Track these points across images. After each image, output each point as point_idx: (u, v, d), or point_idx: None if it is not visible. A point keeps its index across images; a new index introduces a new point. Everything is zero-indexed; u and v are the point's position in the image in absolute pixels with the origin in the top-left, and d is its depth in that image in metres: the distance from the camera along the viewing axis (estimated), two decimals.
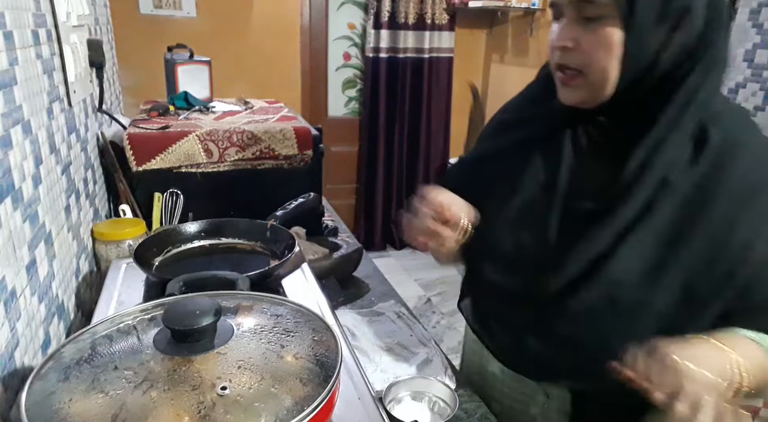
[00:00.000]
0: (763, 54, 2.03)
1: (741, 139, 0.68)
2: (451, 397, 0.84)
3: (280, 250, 1.01)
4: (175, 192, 1.32)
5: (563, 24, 0.68)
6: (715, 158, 0.66)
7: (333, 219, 1.67)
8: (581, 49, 0.67)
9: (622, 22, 0.64)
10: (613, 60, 0.66)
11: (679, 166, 0.67)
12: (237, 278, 0.80)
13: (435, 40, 3.36)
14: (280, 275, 0.95)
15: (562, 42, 0.68)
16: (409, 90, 3.44)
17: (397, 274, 3.34)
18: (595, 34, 0.65)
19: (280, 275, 0.95)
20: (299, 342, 0.56)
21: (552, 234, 0.74)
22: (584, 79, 0.68)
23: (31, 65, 0.83)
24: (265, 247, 1.04)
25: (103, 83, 1.38)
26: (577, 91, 0.70)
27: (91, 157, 1.25)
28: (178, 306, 0.55)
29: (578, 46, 0.67)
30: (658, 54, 0.65)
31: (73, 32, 1.13)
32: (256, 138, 1.36)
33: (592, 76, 0.68)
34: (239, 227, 1.07)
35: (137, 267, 0.89)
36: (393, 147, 3.54)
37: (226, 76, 2.46)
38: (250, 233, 1.06)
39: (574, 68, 0.69)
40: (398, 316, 1.13)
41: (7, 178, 0.68)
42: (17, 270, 0.68)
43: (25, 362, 0.69)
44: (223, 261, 1.02)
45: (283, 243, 1.01)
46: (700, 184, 0.66)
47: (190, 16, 2.87)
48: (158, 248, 1.00)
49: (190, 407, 0.45)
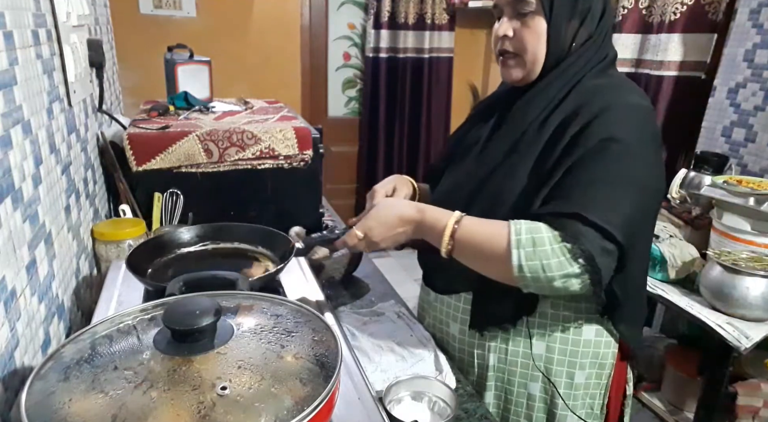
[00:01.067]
0: (763, 54, 2.03)
1: (597, 90, 0.87)
2: (451, 397, 0.84)
3: (279, 256, 1.00)
4: (175, 192, 1.32)
5: (503, 19, 0.89)
6: (576, 107, 0.85)
7: (333, 219, 1.67)
8: (518, 37, 0.89)
9: (545, 16, 0.86)
10: (540, 45, 0.87)
11: (543, 114, 0.88)
12: (237, 278, 0.80)
13: (435, 40, 3.36)
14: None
15: (504, 31, 0.89)
16: (409, 90, 3.44)
17: (397, 274, 3.34)
18: (527, 25, 0.87)
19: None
20: (299, 342, 0.56)
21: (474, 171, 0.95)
22: (520, 59, 0.90)
23: (31, 65, 0.83)
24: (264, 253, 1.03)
25: (103, 83, 1.38)
26: (514, 69, 0.91)
27: (91, 157, 1.25)
28: (178, 306, 0.55)
29: (515, 34, 0.89)
30: (571, 43, 0.88)
31: (73, 32, 1.13)
32: (256, 138, 1.36)
33: (526, 57, 0.89)
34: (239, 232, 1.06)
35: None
36: (393, 147, 3.54)
37: (226, 76, 2.46)
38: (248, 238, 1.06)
39: (512, 52, 0.90)
40: (398, 316, 1.12)
41: (7, 178, 0.68)
42: (17, 270, 0.68)
43: (25, 362, 0.69)
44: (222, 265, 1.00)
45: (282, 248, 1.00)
46: (563, 119, 0.85)
47: (190, 16, 2.87)
48: (154, 254, 0.98)
49: (190, 407, 0.45)
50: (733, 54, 2.13)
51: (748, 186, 1.67)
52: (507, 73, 0.93)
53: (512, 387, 0.99)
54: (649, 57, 2.43)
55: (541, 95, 0.90)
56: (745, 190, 1.62)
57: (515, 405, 0.99)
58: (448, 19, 3.33)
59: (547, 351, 0.94)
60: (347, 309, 1.18)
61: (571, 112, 0.85)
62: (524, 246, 0.77)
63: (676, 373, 1.98)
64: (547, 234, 0.77)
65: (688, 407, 1.94)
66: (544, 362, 0.95)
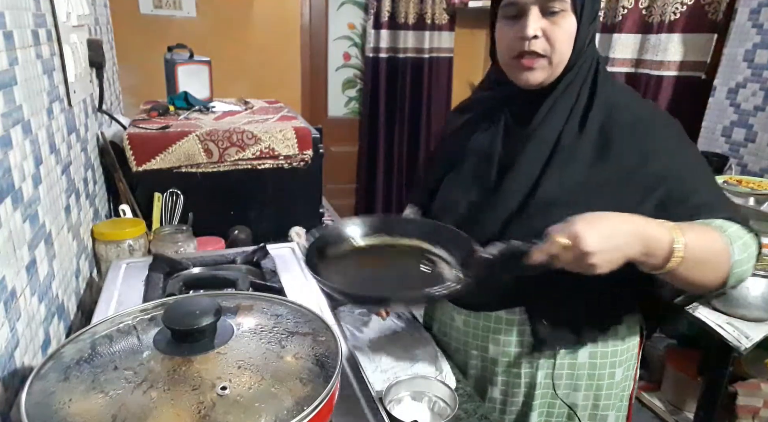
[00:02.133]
0: (763, 54, 2.03)
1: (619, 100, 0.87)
2: (451, 397, 0.84)
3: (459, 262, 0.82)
4: (175, 192, 1.32)
5: (530, 18, 0.82)
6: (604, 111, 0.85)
7: (333, 219, 1.67)
8: (548, 36, 0.82)
9: (576, 15, 0.82)
10: (568, 45, 0.83)
11: (573, 121, 0.86)
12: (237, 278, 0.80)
13: (435, 40, 3.36)
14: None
15: (534, 31, 0.82)
16: (409, 90, 3.43)
17: None
18: (558, 24, 0.82)
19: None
20: (299, 342, 0.56)
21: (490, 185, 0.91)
22: (546, 61, 0.84)
23: (31, 65, 0.83)
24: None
25: (103, 83, 1.38)
26: (539, 72, 0.85)
27: (91, 157, 1.25)
28: (178, 306, 0.55)
29: (544, 34, 0.82)
30: (587, 44, 0.86)
31: (73, 32, 1.13)
32: (256, 138, 1.36)
33: (555, 58, 0.83)
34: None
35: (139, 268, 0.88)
36: (393, 147, 3.54)
37: (226, 76, 2.46)
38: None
39: (540, 53, 0.83)
40: (398, 316, 1.12)
41: (7, 178, 0.68)
42: (17, 270, 0.68)
43: (25, 362, 0.69)
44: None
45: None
46: (601, 127, 0.84)
47: (190, 16, 2.87)
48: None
49: (190, 407, 0.45)
50: (733, 54, 2.13)
51: (748, 186, 1.67)
52: (527, 76, 0.85)
53: (555, 401, 0.95)
54: (649, 57, 2.43)
55: (563, 100, 0.86)
56: (745, 190, 1.62)
57: (556, 417, 0.96)
58: (448, 19, 3.33)
59: (590, 357, 0.92)
60: (347, 309, 1.18)
61: (606, 117, 0.85)
62: (734, 240, 0.74)
63: (676, 373, 1.98)
64: (734, 227, 0.76)
65: (688, 407, 1.94)
66: (587, 369, 0.92)
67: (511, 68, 0.88)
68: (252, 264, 1.00)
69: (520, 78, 0.87)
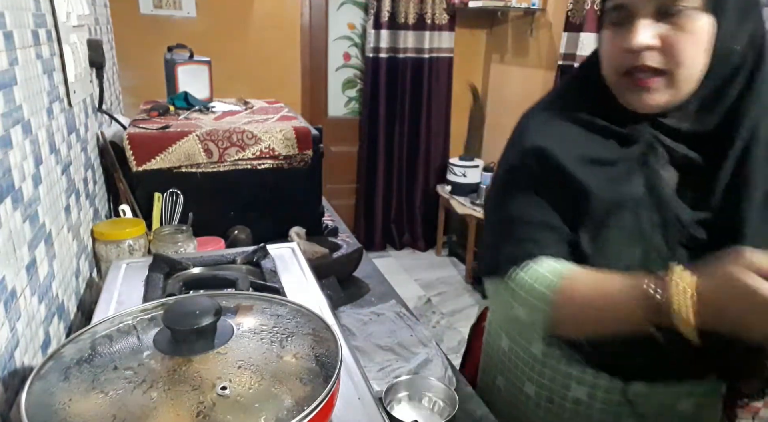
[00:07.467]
0: None
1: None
2: (451, 397, 0.84)
3: None
4: (175, 192, 1.32)
5: (640, 23, 0.64)
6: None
7: (333, 219, 1.67)
8: (668, 45, 0.63)
9: (711, 11, 0.62)
10: (700, 55, 0.63)
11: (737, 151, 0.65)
12: (237, 278, 0.80)
13: (435, 40, 3.36)
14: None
15: (649, 41, 0.63)
16: (409, 90, 3.44)
17: (397, 274, 3.34)
18: (682, 28, 0.62)
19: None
20: (299, 342, 0.56)
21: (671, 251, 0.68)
22: (668, 78, 0.65)
23: (31, 65, 0.83)
24: None
25: (103, 83, 1.38)
26: (659, 93, 0.66)
27: (91, 157, 1.25)
28: (178, 306, 0.54)
29: (663, 43, 0.64)
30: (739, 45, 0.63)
31: (73, 32, 1.13)
32: (256, 138, 1.36)
33: (681, 72, 0.64)
34: None
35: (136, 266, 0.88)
36: (393, 147, 3.54)
37: (226, 76, 2.46)
38: None
39: (658, 68, 0.65)
40: (398, 316, 1.12)
41: (7, 178, 0.68)
42: (17, 270, 0.68)
43: (25, 362, 0.69)
44: None
45: None
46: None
47: (190, 16, 2.87)
48: None
49: (190, 407, 0.45)
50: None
51: None
52: (645, 98, 0.67)
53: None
54: None
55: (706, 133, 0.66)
56: None
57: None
58: (448, 19, 3.33)
59: None
60: (347, 309, 1.18)
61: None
62: None
63: None
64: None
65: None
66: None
67: (619, 88, 0.70)
68: (252, 265, 1.00)
69: (632, 100, 0.68)
